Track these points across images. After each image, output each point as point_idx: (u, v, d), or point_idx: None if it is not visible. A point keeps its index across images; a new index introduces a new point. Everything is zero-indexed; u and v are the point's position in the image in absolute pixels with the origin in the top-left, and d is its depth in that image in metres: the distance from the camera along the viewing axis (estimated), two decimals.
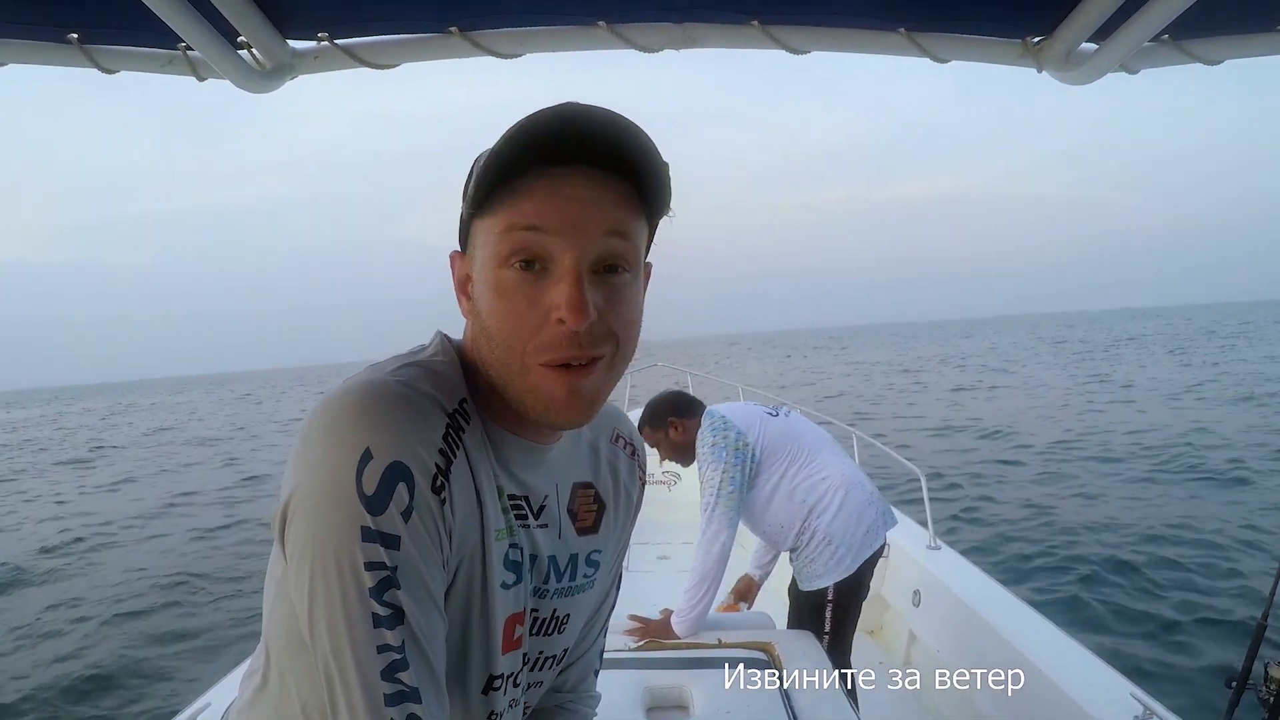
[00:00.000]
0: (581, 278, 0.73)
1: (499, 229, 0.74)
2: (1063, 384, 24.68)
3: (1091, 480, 10.51)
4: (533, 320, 0.74)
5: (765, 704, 2.51)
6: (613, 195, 0.75)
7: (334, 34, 1.46)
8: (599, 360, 0.77)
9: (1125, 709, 2.16)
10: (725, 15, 1.43)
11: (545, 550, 0.90)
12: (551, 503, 0.92)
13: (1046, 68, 1.49)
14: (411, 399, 0.75)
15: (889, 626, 3.73)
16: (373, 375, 0.77)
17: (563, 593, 0.94)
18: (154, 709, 5.18)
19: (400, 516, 0.70)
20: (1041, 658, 2.51)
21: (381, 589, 0.69)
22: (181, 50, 1.44)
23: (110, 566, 9.49)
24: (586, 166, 0.74)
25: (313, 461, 0.71)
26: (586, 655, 1.12)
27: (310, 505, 0.71)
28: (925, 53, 1.47)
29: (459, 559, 0.79)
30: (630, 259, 0.77)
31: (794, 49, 1.46)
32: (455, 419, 0.78)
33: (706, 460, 2.83)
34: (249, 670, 0.91)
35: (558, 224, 0.73)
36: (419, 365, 0.80)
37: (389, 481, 0.70)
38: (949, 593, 3.19)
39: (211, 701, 2.56)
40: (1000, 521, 8.67)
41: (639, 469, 1.09)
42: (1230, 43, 1.43)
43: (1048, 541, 7.86)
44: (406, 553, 0.70)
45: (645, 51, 1.46)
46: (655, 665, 2.61)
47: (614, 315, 0.76)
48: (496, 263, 0.75)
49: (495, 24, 1.45)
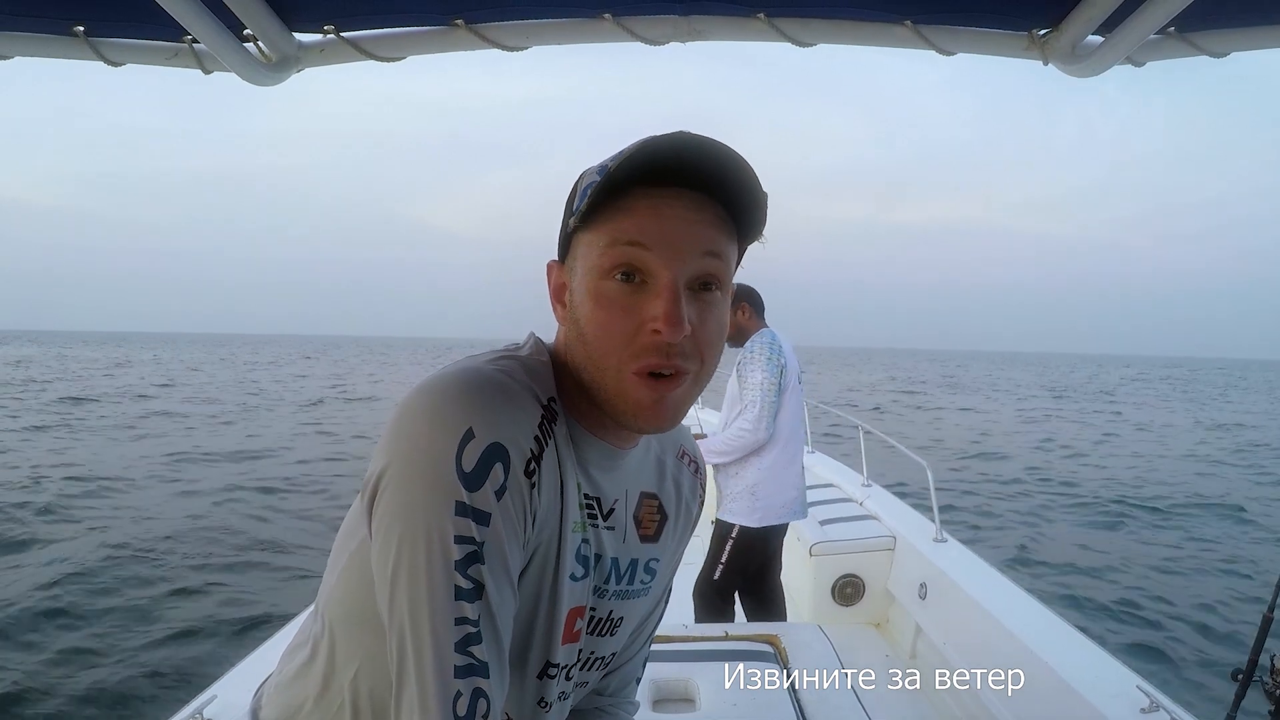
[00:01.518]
0: (679, 293, 0.78)
1: (603, 243, 0.80)
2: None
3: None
4: (629, 329, 0.79)
5: (771, 697, 2.52)
6: (711, 218, 0.80)
7: (339, 27, 1.46)
8: (686, 374, 0.81)
9: (1132, 702, 2.15)
10: (730, 7, 1.43)
11: (609, 551, 0.94)
12: (620, 507, 0.96)
13: (1052, 60, 1.48)
14: (510, 388, 0.79)
15: (895, 620, 3.73)
16: (472, 363, 0.82)
17: (620, 595, 0.98)
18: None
19: (494, 495, 0.74)
20: (1047, 651, 2.50)
21: (467, 563, 0.72)
22: (187, 43, 1.45)
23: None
24: (690, 190, 0.79)
25: (413, 437, 0.75)
26: (631, 662, 1.14)
27: (406, 477, 0.74)
28: (931, 45, 1.46)
29: (537, 544, 0.82)
30: (722, 278, 0.83)
31: (799, 41, 1.46)
32: (548, 411, 0.82)
33: (757, 365, 3.27)
34: (293, 645, 0.94)
35: (659, 241, 0.78)
36: (517, 360, 0.85)
37: (487, 460, 0.73)
38: (955, 586, 3.19)
39: (218, 694, 2.57)
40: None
41: (700, 487, 1.13)
42: (1236, 35, 1.42)
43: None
44: (495, 530, 0.74)
45: (650, 44, 1.46)
46: (661, 658, 2.62)
47: (703, 332, 0.81)
48: (598, 274, 0.80)
49: (500, 16, 1.45)
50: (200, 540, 8.22)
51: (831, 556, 3.82)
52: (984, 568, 3.36)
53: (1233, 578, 8.00)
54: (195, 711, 2.42)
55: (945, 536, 3.62)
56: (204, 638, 5.66)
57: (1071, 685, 2.28)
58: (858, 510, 4.25)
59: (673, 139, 0.75)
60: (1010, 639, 2.68)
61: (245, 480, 11.59)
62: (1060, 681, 2.33)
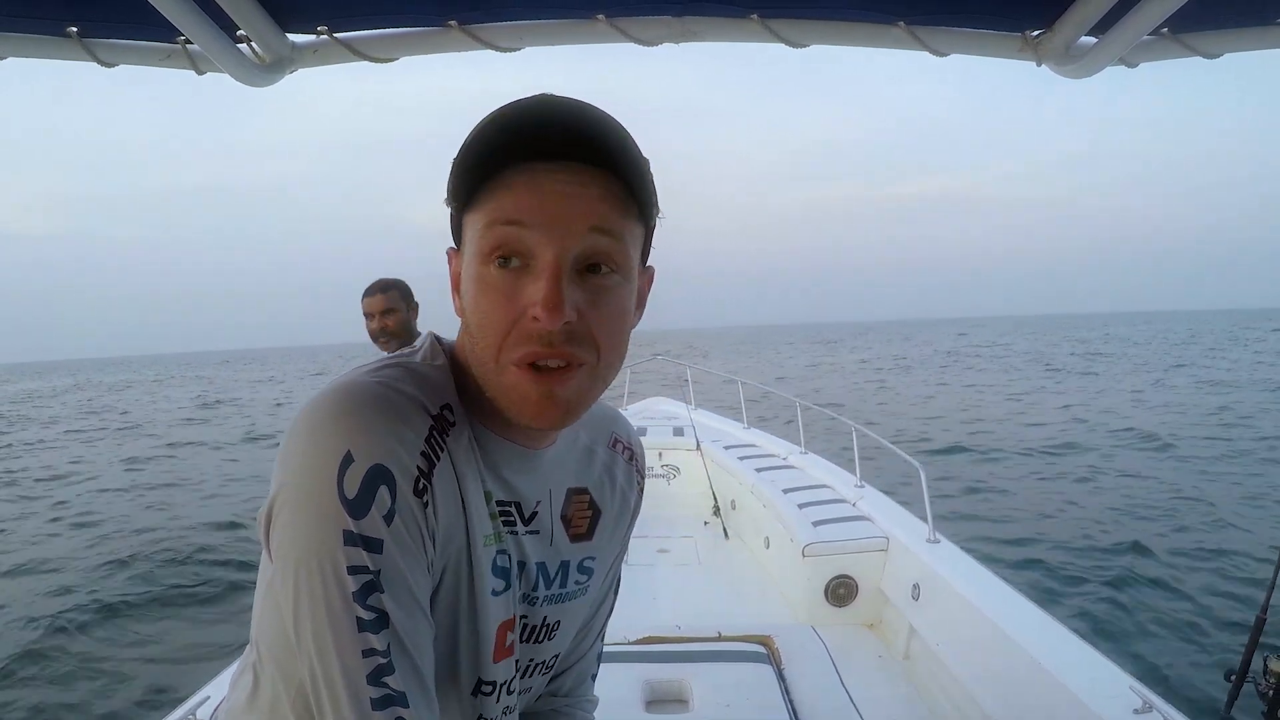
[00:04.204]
0: (561, 275, 0.71)
1: (482, 224, 0.72)
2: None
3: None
4: (509, 317, 0.72)
5: (764, 698, 2.52)
6: (597, 191, 0.72)
7: (333, 28, 1.46)
8: (580, 366, 0.74)
9: (1125, 702, 2.16)
10: (724, 9, 1.43)
11: (533, 557, 0.89)
12: (544, 509, 0.90)
13: (1046, 61, 1.49)
14: (393, 400, 0.74)
15: (888, 620, 3.73)
16: (354, 377, 0.76)
17: (553, 599, 0.93)
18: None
19: (383, 520, 0.69)
20: (1041, 651, 2.51)
21: (365, 593, 0.69)
22: (181, 44, 1.45)
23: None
24: (566, 161, 0.71)
25: (295, 464, 0.71)
26: (583, 660, 1.11)
27: (292, 508, 0.70)
28: (924, 46, 1.47)
29: (444, 563, 0.78)
30: (618, 259, 0.74)
31: (793, 43, 1.46)
32: (439, 421, 0.76)
33: None
34: (239, 670, 0.90)
35: (539, 218, 0.70)
36: (402, 366, 0.79)
37: (370, 484, 0.69)
38: (949, 586, 3.19)
39: (211, 694, 2.57)
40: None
41: (637, 474, 1.07)
42: (1229, 36, 1.43)
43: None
44: (389, 556, 0.70)
45: (644, 45, 1.46)
46: (655, 659, 2.62)
47: (596, 317, 0.73)
48: (479, 259, 0.73)
49: (494, 17, 1.45)
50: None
51: (825, 557, 3.83)
52: (977, 568, 3.37)
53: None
54: (188, 712, 2.42)
55: (938, 537, 3.63)
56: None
57: (1065, 685, 2.29)
58: (851, 511, 4.26)
59: (525, 101, 0.70)
60: (1004, 639, 2.69)
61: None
62: (1054, 682, 2.34)
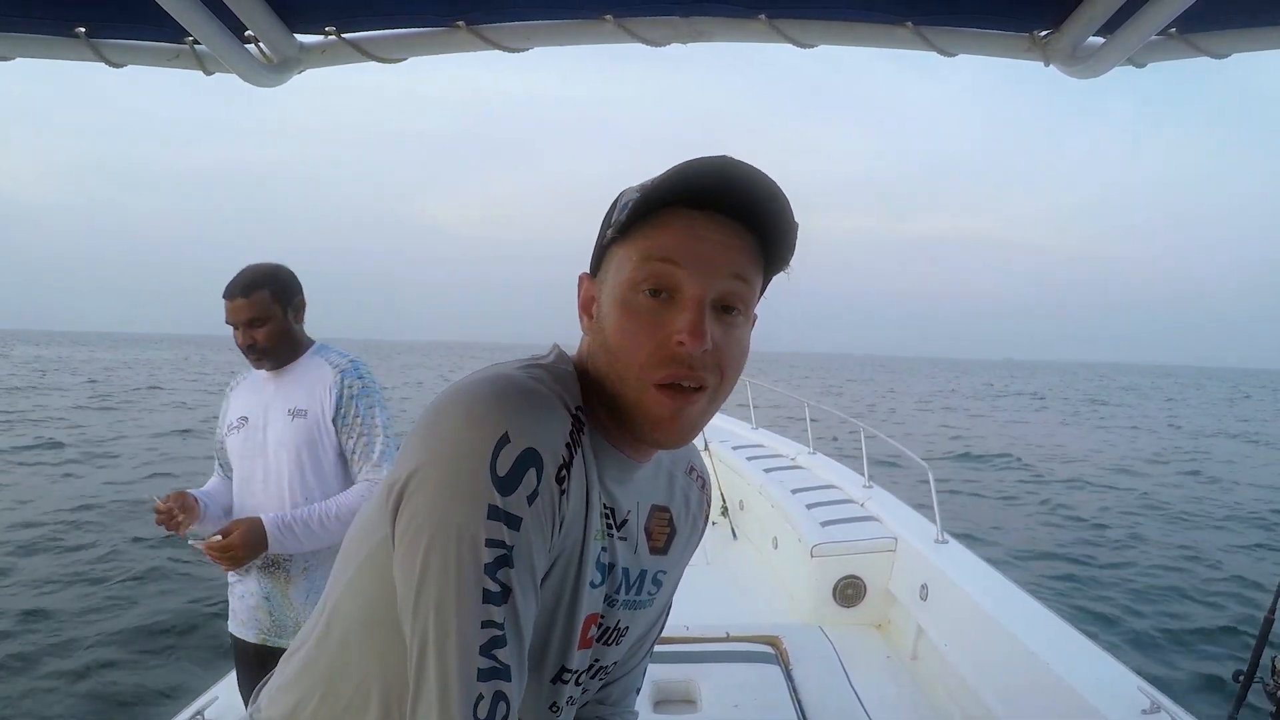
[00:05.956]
0: (704, 310, 0.80)
1: (636, 257, 0.82)
2: None
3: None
4: (654, 341, 0.80)
5: (772, 698, 2.52)
6: (740, 243, 0.82)
7: (341, 28, 1.46)
8: (704, 390, 0.83)
9: (1133, 703, 2.15)
10: (732, 9, 1.43)
11: (621, 561, 0.95)
12: (632, 518, 0.97)
13: (1053, 62, 1.48)
14: (544, 394, 0.80)
15: (896, 621, 3.73)
16: (503, 369, 0.83)
17: (629, 605, 0.99)
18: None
19: (526, 500, 0.74)
20: (1049, 652, 2.50)
21: (497, 566, 0.73)
22: (189, 44, 1.45)
23: None
24: (725, 214, 0.81)
25: (446, 439, 0.75)
26: (632, 673, 1.16)
27: (439, 479, 0.74)
28: (932, 46, 1.46)
29: (561, 549, 0.83)
30: (745, 302, 0.85)
31: (800, 43, 1.46)
32: (577, 420, 0.83)
33: (368, 395, 2.33)
34: (293, 649, 0.94)
35: (691, 260, 0.80)
36: (546, 368, 0.86)
37: (522, 465, 0.74)
38: (956, 587, 3.19)
39: (219, 695, 2.58)
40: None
41: (706, 502, 1.15)
42: (1237, 36, 1.42)
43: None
44: (525, 535, 0.74)
45: (651, 45, 1.46)
46: (663, 659, 2.62)
47: (726, 350, 0.83)
48: (629, 286, 0.82)
49: (502, 18, 1.45)
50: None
51: (833, 558, 3.82)
52: (985, 569, 3.36)
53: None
54: (196, 713, 2.43)
55: (946, 538, 3.62)
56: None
57: (1073, 686, 2.28)
58: (859, 511, 4.25)
59: (716, 163, 0.78)
60: (1011, 640, 2.68)
61: None
62: (1062, 683, 2.33)
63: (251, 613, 2.31)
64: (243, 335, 2.27)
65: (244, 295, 2.25)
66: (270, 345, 2.28)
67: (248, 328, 2.25)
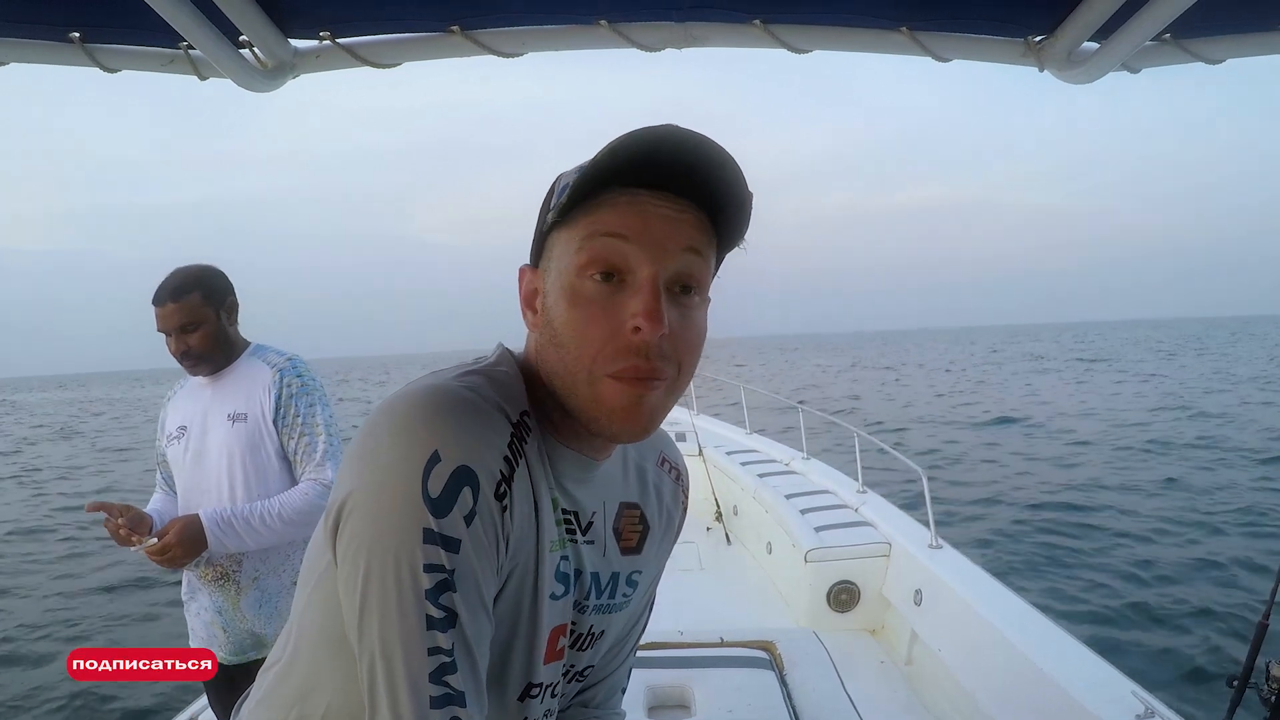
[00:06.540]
0: (659, 291, 0.75)
1: (580, 237, 0.76)
2: None
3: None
4: (607, 329, 0.75)
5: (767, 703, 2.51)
6: (692, 217, 0.77)
7: (335, 33, 1.46)
8: (663, 379, 0.77)
9: (1126, 708, 2.15)
10: (727, 14, 1.43)
11: (589, 566, 0.91)
12: (599, 520, 0.93)
13: (1048, 67, 1.49)
14: (478, 406, 0.75)
15: (890, 626, 3.73)
16: (439, 380, 0.78)
17: (601, 609, 0.95)
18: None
19: (463, 520, 0.70)
20: (1043, 656, 2.51)
21: (438, 591, 0.69)
22: (183, 49, 1.45)
23: None
24: (672, 190, 0.76)
25: (377, 461, 0.72)
26: (617, 673, 1.13)
27: (371, 504, 0.71)
28: (927, 52, 1.47)
29: (512, 567, 0.79)
30: (702, 281, 0.79)
31: (796, 48, 1.46)
32: (519, 428, 0.78)
33: (308, 394, 2.26)
34: (269, 663, 0.91)
35: (640, 235, 0.75)
36: (483, 374, 0.81)
37: (455, 485, 0.70)
38: (951, 592, 3.19)
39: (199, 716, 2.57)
40: None
41: (682, 494, 1.10)
42: (1231, 42, 1.43)
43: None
44: (465, 557, 0.71)
45: (646, 50, 1.46)
46: (657, 664, 2.61)
47: (683, 335, 0.78)
48: (574, 271, 0.76)
49: (496, 23, 1.45)
50: None
51: (827, 563, 3.82)
52: (979, 574, 3.37)
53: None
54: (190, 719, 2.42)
55: (940, 543, 3.62)
56: None
57: (1067, 691, 2.28)
58: (853, 516, 4.25)
59: (659, 132, 0.72)
60: (1005, 645, 2.68)
61: None
62: (1056, 687, 2.33)
63: (208, 629, 2.24)
64: (176, 342, 2.17)
65: (174, 300, 2.15)
66: (205, 350, 2.19)
67: (180, 334, 2.16)
